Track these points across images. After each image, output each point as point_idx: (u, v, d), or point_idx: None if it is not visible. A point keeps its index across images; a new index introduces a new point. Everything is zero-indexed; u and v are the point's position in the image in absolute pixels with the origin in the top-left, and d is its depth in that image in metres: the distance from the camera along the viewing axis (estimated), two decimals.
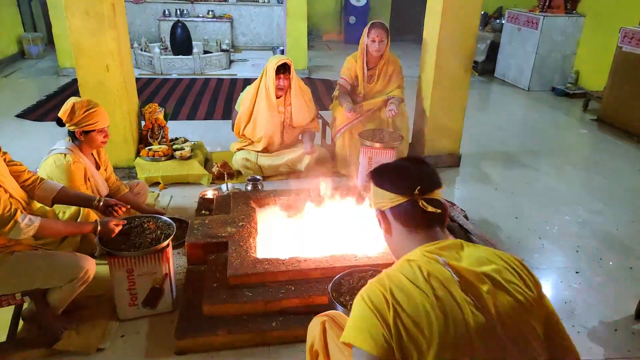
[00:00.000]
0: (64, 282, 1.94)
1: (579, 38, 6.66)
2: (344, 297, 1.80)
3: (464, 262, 1.07)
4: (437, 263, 1.05)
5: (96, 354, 2.05)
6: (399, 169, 1.22)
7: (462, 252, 1.11)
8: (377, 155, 3.41)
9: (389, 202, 1.18)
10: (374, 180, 1.23)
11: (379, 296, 1.01)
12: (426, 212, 1.12)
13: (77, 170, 2.44)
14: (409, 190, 1.14)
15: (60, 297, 2.01)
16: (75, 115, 2.41)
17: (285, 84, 3.55)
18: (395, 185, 1.17)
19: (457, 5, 3.60)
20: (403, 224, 1.18)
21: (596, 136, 5.23)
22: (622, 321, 2.40)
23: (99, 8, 3.21)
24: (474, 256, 1.09)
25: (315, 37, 10.57)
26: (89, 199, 2.25)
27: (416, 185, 1.14)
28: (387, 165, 1.26)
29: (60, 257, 2.01)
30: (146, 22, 9.19)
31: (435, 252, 1.09)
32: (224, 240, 2.47)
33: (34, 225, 1.87)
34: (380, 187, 1.20)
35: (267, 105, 3.57)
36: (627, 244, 3.10)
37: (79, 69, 3.37)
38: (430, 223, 1.16)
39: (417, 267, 1.04)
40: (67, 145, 2.51)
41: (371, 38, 3.70)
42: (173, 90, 6.45)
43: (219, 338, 2.07)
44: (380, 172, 1.24)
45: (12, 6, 7.76)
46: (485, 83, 7.46)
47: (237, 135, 3.82)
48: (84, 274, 1.98)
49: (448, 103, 3.95)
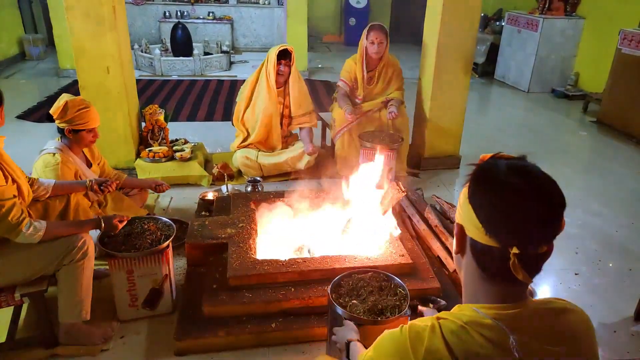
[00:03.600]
0: (63, 253, 1.91)
1: (579, 40, 6.68)
2: (344, 299, 1.80)
3: (540, 337, 0.85)
4: (504, 339, 0.83)
5: (97, 354, 2.05)
6: (507, 197, 0.84)
7: (542, 322, 0.88)
8: (377, 157, 3.41)
9: (473, 230, 0.88)
10: (470, 190, 0.90)
11: (407, 354, 0.87)
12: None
13: (67, 169, 2.45)
14: (504, 242, 0.84)
15: (70, 287, 1.96)
16: (67, 113, 2.42)
17: (285, 70, 3.63)
18: (490, 221, 0.85)
19: (456, 7, 3.61)
20: (478, 265, 0.90)
21: (596, 138, 5.23)
22: (621, 323, 2.40)
23: (99, 10, 3.22)
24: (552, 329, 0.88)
25: (316, 39, 10.58)
26: (81, 184, 2.39)
27: (516, 241, 0.83)
28: (495, 178, 0.86)
29: (57, 240, 1.98)
30: (147, 24, 9.20)
31: (509, 322, 0.85)
32: (224, 242, 2.47)
33: (39, 234, 1.88)
34: (471, 204, 0.89)
35: (266, 92, 3.64)
36: (626, 246, 3.10)
37: (80, 70, 3.37)
38: (515, 280, 0.85)
39: (474, 345, 0.83)
40: (56, 144, 2.52)
41: (370, 40, 3.71)
42: (173, 91, 6.46)
43: (219, 339, 2.08)
44: (482, 185, 0.88)
45: (12, 7, 7.77)
46: (485, 85, 7.47)
47: (237, 124, 3.84)
48: (82, 243, 1.94)
49: (448, 105, 3.96)
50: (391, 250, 2.44)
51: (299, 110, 3.81)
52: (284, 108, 3.79)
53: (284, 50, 3.59)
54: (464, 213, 0.91)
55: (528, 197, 0.82)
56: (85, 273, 1.99)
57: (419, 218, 2.94)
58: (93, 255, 2.03)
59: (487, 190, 0.87)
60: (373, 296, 1.81)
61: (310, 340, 2.15)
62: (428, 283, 2.33)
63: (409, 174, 3.99)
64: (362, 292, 1.83)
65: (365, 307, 1.75)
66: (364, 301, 1.78)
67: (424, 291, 2.28)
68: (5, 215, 1.80)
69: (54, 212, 2.28)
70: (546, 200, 0.83)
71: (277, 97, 3.70)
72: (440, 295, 2.30)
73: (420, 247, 2.72)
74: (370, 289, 1.86)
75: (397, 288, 1.88)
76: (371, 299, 1.79)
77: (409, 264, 2.36)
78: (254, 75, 3.73)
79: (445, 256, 2.63)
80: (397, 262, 2.34)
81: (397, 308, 1.76)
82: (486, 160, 0.91)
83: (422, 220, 2.92)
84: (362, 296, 1.82)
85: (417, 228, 2.92)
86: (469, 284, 0.95)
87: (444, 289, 2.34)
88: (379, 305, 1.76)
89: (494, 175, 0.86)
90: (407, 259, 2.38)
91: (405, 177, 3.92)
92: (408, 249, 2.51)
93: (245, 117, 3.77)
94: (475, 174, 0.90)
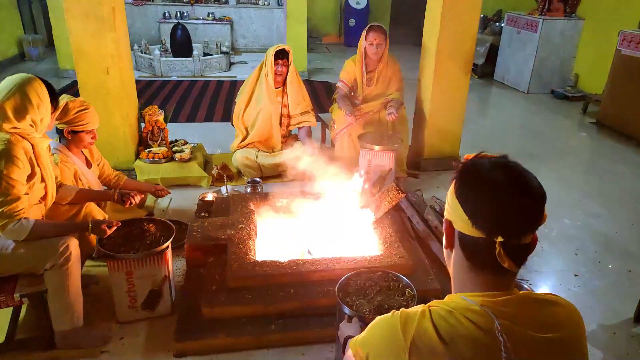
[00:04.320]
0: (44, 257, 1.89)
1: (578, 41, 6.68)
2: (351, 298, 1.79)
3: (525, 324, 0.90)
4: (489, 323, 0.88)
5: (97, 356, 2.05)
6: (490, 190, 0.90)
7: (528, 310, 0.92)
8: (377, 158, 3.42)
9: (460, 224, 0.93)
10: (456, 186, 0.96)
11: (397, 334, 0.92)
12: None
13: (66, 170, 2.45)
14: (489, 232, 0.88)
15: (57, 292, 1.94)
16: (68, 114, 2.43)
17: (283, 70, 3.66)
18: (476, 214, 0.90)
19: (456, 8, 3.61)
20: (467, 257, 0.95)
21: (595, 139, 5.23)
22: (621, 324, 2.40)
23: (99, 11, 3.22)
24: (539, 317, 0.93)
25: (315, 40, 10.58)
26: (106, 194, 2.52)
27: (500, 231, 0.87)
28: (479, 174, 0.93)
29: (40, 241, 1.97)
30: (146, 25, 9.20)
31: (495, 308, 0.89)
32: (224, 243, 2.47)
33: (24, 231, 1.87)
34: (458, 199, 0.94)
35: (265, 90, 3.66)
36: (626, 247, 3.10)
37: (79, 71, 3.37)
38: (501, 269, 0.90)
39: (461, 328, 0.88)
40: (55, 145, 2.52)
41: (369, 41, 3.71)
42: (173, 92, 6.46)
43: (218, 341, 2.07)
44: (467, 181, 0.94)
45: (12, 8, 7.76)
46: (484, 86, 7.48)
47: (236, 123, 3.84)
48: (64, 247, 1.92)
49: (447, 106, 3.96)
50: (391, 251, 2.43)
51: (297, 108, 3.82)
52: (283, 107, 3.80)
53: (282, 50, 3.61)
54: (451, 208, 0.97)
55: (510, 190, 0.89)
56: (71, 278, 1.96)
57: (418, 219, 2.94)
58: (78, 260, 2.00)
59: (471, 185, 0.93)
60: (380, 296, 1.81)
61: (309, 342, 2.14)
62: (428, 284, 2.33)
63: (408, 175, 3.98)
64: (369, 292, 1.83)
65: (371, 306, 1.74)
66: (370, 301, 1.78)
67: (424, 292, 2.27)
68: (4, 204, 1.81)
69: (63, 217, 2.27)
70: (527, 192, 0.89)
71: (276, 97, 3.70)
72: (440, 296, 2.29)
73: (420, 248, 2.72)
74: (377, 288, 1.85)
75: (405, 288, 1.87)
76: (378, 298, 1.79)
77: (409, 265, 2.36)
78: (254, 75, 3.75)
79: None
80: (397, 263, 2.34)
81: (404, 308, 1.75)
82: (470, 158, 0.98)
83: (422, 221, 2.91)
84: (370, 296, 1.81)
85: (416, 229, 2.92)
86: (457, 276, 1.00)
87: (443, 290, 2.33)
88: (386, 304, 1.76)
89: (477, 171, 0.93)
90: (407, 260, 2.37)
91: (405, 178, 3.92)
92: (408, 250, 2.50)
93: (245, 116, 3.77)
94: (460, 171, 0.96)
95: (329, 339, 2.13)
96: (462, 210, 0.92)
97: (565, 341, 0.92)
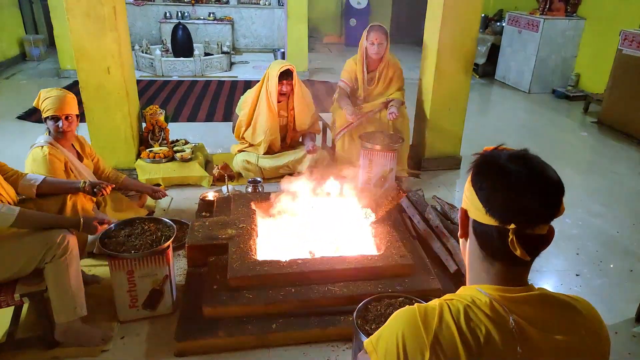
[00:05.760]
0: (42, 250, 1.88)
1: (580, 41, 6.67)
2: (370, 325, 1.66)
3: (538, 324, 0.88)
4: (504, 319, 0.87)
5: (98, 355, 2.05)
6: (506, 178, 0.89)
7: (542, 309, 0.91)
8: (378, 158, 3.41)
9: (474, 212, 0.93)
10: (472, 174, 0.95)
11: (419, 329, 0.90)
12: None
13: (56, 161, 2.45)
14: (502, 219, 0.88)
15: (59, 284, 1.93)
16: (39, 102, 2.46)
17: (287, 89, 3.56)
18: (490, 201, 0.89)
19: (457, 7, 3.61)
20: (480, 245, 0.94)
21: (596, 139, 5.23)
22: (622, 324, 2.40)
23: (100, 10, 3.22)
24: (553, 318, 0.91)
25: (316, 40, 10.58)
26: (74, 184, 2.33)
27: (513, 218, 0.86)
28: (496, 163, 0.92)
29: (34, 234, 1.96)
30: (147, 25, 9.21)
31: (509, 303, 0.89)
32: (224, 242, 2.47)
33: (12, 214, 1.86)
34: (473, 187, 0.93)
35: (267, 111, 3.58)
36: (627, 247, 3.09)
37: (80, 71, 3.37)
38: (515, 260, 0.89)
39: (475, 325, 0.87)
40: (44, 138, 2.52)
41: (370, 41, 3.71)
42: (174, 92, 6.46)
43: (219, 340, 2.07)
44: (483, 169, 0.94)
45: (13, 8, 7.77)
46: (485, 85, 7.47)
47: (237, 138, 3.83)
48: (61, 238, 1.91)
49: (448, 105, 3.96)
50: (392, 251, 2.43)
51: (304, 125, 3.78)
52: (288, 122, 3.73)
53: (286, 70, 3.49)
54: (466, 197, 0.96)
55: (525, 178, 0.88)
56: (70, 269, 1.95)
57: (419, 219, 2.94)
58: (76, 252, 1.99)
59: (487, 173, 0.92)
60: None
61: (311, 342, 2.14)
62: (429, 284, 2.33)
63: (409, 175, 3.98)
64: None
65: None
66: None
67: (425, 292, 2.26)
68: None
69: (50, 211, 2.24)
70: (543, 181, 0.90)
71: (279, 112, 3.63)
72: (441, 296, 2.29)
73: (421, 247, 2.72)
74: None
75: None
76: None
77: (410, 264, 2.36)
78: (254, 94, 3.62)
79: (446, 257, 2.62)
80: (398, 263, 2.34)
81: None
82: (489, 150, 0.98)
83: (423, 221, 2.91)
84: None
85: (417, 229, 2.92)
86: (472, 266, 0.99)
87: (445, 289, 2.33)
88: None
89: (495, 160, 0.93)
90: (408, 260, 2.37)
91: (406, 177, 3.92)
92: (409, 250, 2.50)
93: (246, 135, 3.73)
94: (477, 161, 0.96)
95: (330, 338, 2.13)
96: (476, 198, 0.92)
97: (580, 348, 0.90)
